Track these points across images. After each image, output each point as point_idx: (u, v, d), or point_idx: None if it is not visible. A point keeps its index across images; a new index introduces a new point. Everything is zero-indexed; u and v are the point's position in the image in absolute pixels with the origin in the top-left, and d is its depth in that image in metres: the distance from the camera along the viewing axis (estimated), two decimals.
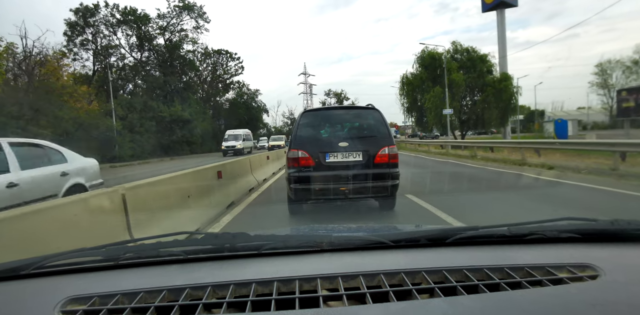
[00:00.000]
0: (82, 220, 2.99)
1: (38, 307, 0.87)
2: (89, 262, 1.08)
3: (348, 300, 0.82)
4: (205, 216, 5.33)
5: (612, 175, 8.75)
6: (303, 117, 5.63)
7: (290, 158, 5.28)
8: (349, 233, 1.52)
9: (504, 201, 6.33)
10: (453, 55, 32.49)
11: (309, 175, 5.17)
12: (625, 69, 51.18)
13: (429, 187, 8.27)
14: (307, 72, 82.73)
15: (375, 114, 5.52)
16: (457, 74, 29.95)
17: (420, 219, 5.24)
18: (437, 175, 11.15)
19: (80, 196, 3.27)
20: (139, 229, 3.65)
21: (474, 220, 4.72)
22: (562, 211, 5.19)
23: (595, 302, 0.76)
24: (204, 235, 1.21)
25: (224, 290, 0.90)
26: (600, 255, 1.03)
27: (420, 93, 32.87)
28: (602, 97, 55.58)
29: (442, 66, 30.08)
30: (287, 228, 1.57)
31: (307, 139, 5.32)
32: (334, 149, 5.23)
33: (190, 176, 5.58)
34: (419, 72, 33.23)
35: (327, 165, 5.21)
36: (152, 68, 44.08)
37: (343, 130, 5.63)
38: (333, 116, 5.84)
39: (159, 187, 4.52)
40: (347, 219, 5.42)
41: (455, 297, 0.81)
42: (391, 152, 5.24)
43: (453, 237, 1.13)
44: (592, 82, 55.54)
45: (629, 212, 5.25)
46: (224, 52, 54.44)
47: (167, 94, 41.31)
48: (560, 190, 7.40)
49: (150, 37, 42.65)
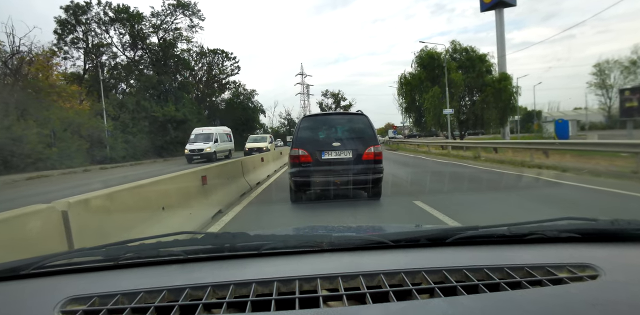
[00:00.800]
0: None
1: (38, 307, 0.87)
2: (89, 262, 1.08)
3: (348, 300, 0.82)
4: (187, 229, 4.49)
5: (633, 179, 7.97)
6: (303, 121, 6.85)
7: (292, 156, 6.45)
8: (349, 233, 1.52)
9: (533, 210, 5.55)
10: (452, 54, 31.78)
11: (307, 170, 6.26)
12: (624, 69, 51.13)
13: (437, 188, 8.13)
14: (304, 72, 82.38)
15: (364, 119, 6.71)
16: (456, 74, 29.33)
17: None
18: (439, 176, 10.98)
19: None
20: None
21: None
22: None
23: (595, 302, 0.76)
24: (204, 235, 1.21)
25: (224, 290, 0.90)
26: (600, 255, 1.03)
27: (419, 93, 32.22)
28: (600, 97, 55.42)
29: (442, 65, 29.55)
30: (287, 228, 1.57)
31: (306, 139, 6.41)
32: (329, 148, 6.31)
33: (166, 183, 4.91)
34: (417, 72, 32.49)
35: (323, 162, 6.29)
36: (145, 67, 43.11)
37: (336, 132, 6.64)
38: (328, 120, 7.05)
39: (119, 199, 3.69)
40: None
41: (455, 297, 0.81)
42: (376, 151, 6.36)
43: (453, 237, 1.13)
44: (591, 82, 55.18)
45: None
46: (219, 51, 53.54)
47: (160, 94, 40.27)
48: (591, 197, 6.60)
49: (144, 36, 41.39)
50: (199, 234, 1.21)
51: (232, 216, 5.97)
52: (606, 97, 54.04)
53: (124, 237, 3.29)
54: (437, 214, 5.37)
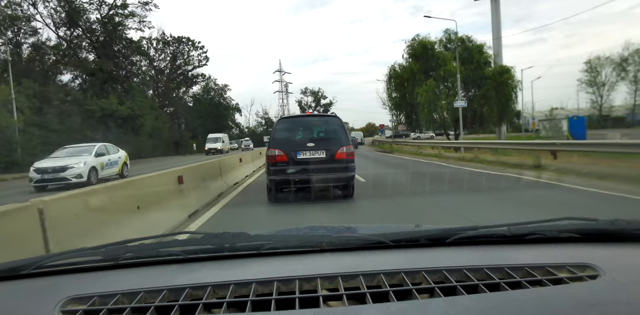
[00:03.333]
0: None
1: (38, 307, 0.87)
2: (89, 261, 1.08)
3: (348, 300, 0.82)
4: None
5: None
6: (279, 122, 7.34)
7: (269, 155, 6.76)
8: (349, 233, 1.52)
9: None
10: (446, 45, 28.47)
11: (283, 169, 6.59)
12: (616, 65, 50.14)
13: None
14: (283, 69, 77.16)
15: (337, 121, 7.15)
16: (453, 65, 25.46)
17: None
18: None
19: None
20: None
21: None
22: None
23: (595, 302, 0.77)
24: (204, 235, 1.21)
25: (224, 290, 0.90)
26: (600, 255, 1.03)
27: (411, 87, 28.40)
28: (591, 95, 53.30)
29: (436, 56, 26.91)
30: (287, 228, 1.57)
31: (282, 140, 6.77)
32: (304, 148, 6.67)
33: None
34: (409, 63, 29.02)
35: (298, 161, 6.62)
36: (84, 50, 35.39)
37: (311, 133, 7.03)
38: (303, 122, 7.44)
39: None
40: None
41: (455, 297, 0.81)
42: (348, 151, 6.73)
43: (453, 237, 1.13)
44: (581, 79, 53.45)
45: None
46: (184, 39, 47.76)
47: (103, 84, 33.25)
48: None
49: (81, 11, 33.46)
50: (198, 234, 1.22)
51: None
52: (597, 95, 52.54)
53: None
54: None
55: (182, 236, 1.21)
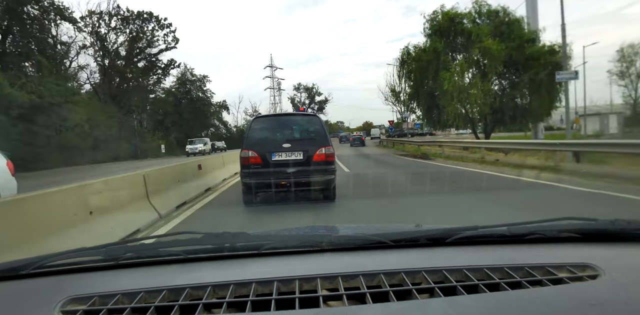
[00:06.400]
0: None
1: (38, 307, 0.87)
2: (89, 261, 1.08)
3: (348, 300, 0.82)
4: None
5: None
6: (254, 122, 6.84)
7: (242, 157, 6.30)
8: (349, 233, 1.52)
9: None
10: (474, 20, 22.13)
11: (257, 172, 6.14)
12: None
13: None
14: (275, 65, 72.85)
15: (316, 120, 6.71)
16: (491, 41, 19.63)
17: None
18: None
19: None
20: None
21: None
22: None
23: (595, 302, 0.77)
24: (204, 235, 1.21)
25: (224, 290, 0.90)
26: (600, 255, 1.03)
27: (434, 71, 21.62)
28: (622, 88, 44.41)
29: (466, 31, 21.12)
30: (287, 228, 1.57)
31: (256, 140, 6.32)
32: (279, 149, 6.21)
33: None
34: (430, 42, 22.39)
35: (273, 163, 6.15)
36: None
37: (288, 133, 6.60)
38: (280, 121, 7.06)
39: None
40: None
41: (455, 297, 0.81)
42: (327, 152, 6.26)
43: (453, 237, 1.14)
44: (612, 70, 44.36)
45: None
46: (146, 14, 37.81)
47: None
48: None
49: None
50: (198, 234, 1.22)
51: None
52: (631, 87, 43.86)
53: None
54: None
55: (182, 236, 1.21)
